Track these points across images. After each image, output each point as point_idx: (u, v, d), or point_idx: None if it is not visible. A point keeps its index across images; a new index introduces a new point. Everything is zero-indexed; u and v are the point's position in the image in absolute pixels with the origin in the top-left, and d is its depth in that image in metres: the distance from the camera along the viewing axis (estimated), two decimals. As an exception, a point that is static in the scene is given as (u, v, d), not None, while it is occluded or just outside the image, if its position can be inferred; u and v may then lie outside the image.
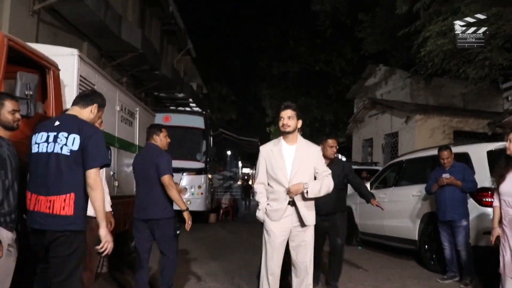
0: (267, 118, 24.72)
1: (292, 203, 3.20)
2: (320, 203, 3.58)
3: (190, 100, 15.56)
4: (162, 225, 3.66)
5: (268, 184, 3.29)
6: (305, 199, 3.22)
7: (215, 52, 28.33)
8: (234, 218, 14.27)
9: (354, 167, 11.46)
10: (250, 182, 32.92)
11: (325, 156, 4.01)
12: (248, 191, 23.67)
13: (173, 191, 3.67)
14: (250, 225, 10.79)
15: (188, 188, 10.68)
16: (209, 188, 11.60)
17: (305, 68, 21.04)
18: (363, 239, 7.73)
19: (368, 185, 7.41)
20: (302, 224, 3.22)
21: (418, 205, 6.00)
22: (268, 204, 3.27)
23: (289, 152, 3.27)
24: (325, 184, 3.26)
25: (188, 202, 9.72)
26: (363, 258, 6.74)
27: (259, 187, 3.33)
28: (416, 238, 5.96)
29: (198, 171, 10.91)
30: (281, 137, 3.33)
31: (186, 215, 3.70)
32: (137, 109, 6.71)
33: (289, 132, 3.24)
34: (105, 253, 2.42)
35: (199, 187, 10.84)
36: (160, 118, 10.29)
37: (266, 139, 29.85)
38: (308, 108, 21.01)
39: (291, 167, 3.22)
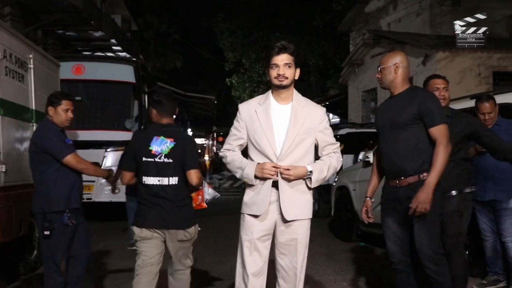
0: (227, 64, 24.52)
1: (275, 184, 3.25)
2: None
3: (113, 41, 15.20)
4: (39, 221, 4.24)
5: (250, 158, 3.35)
6: (293, 182, 3.24)
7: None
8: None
9: (352, 130, 11.95)
10: (206, 158, 33.11)
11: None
12: (203, 171, 23.65)
13: (84, 166, 4.36)
14: (211, 218, 10.79)
15: (115, 170, 10.54)
16: None
17: (279, -11, 20.84)
18: (366, 232, 7.89)
19: (370, 155, 7.52)
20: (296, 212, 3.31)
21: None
22: (246, 187, 3.34)
23: (281, 114, 3.32)
24: (332, 166, 3.35)
25: (116, 191, 9.56)
26: (367, 259, 6.86)
27: (227, 153, 3.42)
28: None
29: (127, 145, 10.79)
30: (270, 92, 3.38)
31: (109, 181, 4.57)
32: (31, 56, 6.57)
33: (285, 87, 3.29)
34: None
35: None
36: (68, 69, 10.10)
37: (226, 95, 30.00)
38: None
39: (285, 137, 3.27)
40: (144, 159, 3.71)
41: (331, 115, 21.82)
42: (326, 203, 10.34)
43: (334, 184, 9.12)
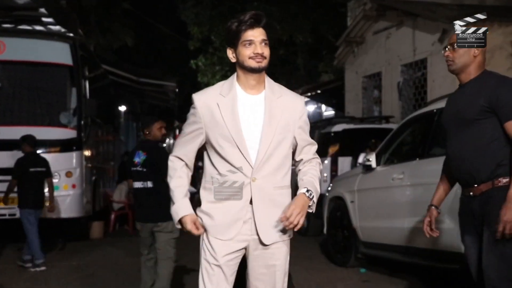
0: (191, 42, 24.42)
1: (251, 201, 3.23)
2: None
3: (43, 10, 14.90)
4: None
5: (212, 163, 3.30)
6: (269, 196, 3.23)
7: None
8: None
9: (350, 126, 11.98)
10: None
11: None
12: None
13: None
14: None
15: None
16: (88, 175, 11.59)
17: None
18: (368, 254, 7.90)
19: (372, 157, 7.52)
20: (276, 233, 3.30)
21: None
22: (205, 204, 3.30)
23: (252, 108, 3.27)
24: (318, 176, 3.35)
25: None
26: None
27: (175, 162, 3.37)
28: (462, 249, 6.06)
29: (64, 146, 10.84)
30: (234, 79, 3.32)
31: None
32: None
33: (262, 70, 3.25)
34: None
35: (68, 174, 10.82)
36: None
37: (190, 81, 29.89)
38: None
39: (260, 139, 3.22)
40: (132, 168, 6.26)
41: (323, 107, 21.90)
42: (317, 217, 10.32)
43: (327, 194, 9.10)
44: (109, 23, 25.83)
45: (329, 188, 9.29)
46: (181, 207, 3.26)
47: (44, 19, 15.19)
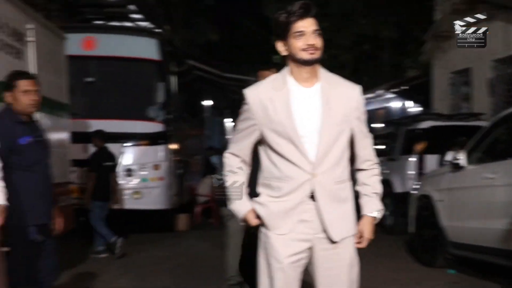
0: (274, 37, 24.46)
1: (312, 196, 3.11)
2: None
3: (132, 7, 15.31)
4: None
5: (269, 159, 3.21)
6: (335, 188, 3.14)
7: None
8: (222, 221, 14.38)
9: (438, 123, 11.75)
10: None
11: None
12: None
13: None
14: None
15: (135, 170, 10.70)
16: (175, 169, 11.73)
17: None
18: (458, 255, 7.75)
19: (462, 155, 7.36)
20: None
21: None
22: (263, 197, 3.21)
23: (307, 101, 3.15)
24: (380, 188, 3.30)
25: (136, 195, 9.70)
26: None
27: (230, 159, 3.31)
28: None
29: (152, 139, 11.01)
30: (286, 72, 3.20)
31: None
32: (31, 26, 6.68)
33: (315, 61, 3.12)
34: None
35: (156, 167, 11.00)
36: (76, 43, 10.29)
37: (274, 76, 29.91)
38: (348, 18, 20.72)
39: (319, 133, 3.11)
40: None
41: (410, 103, 21.53)
42: (402, 216, 10.20)
43: (414, 192, 8.97)
44: (195, 19, 26.27)
45: (416, 187, 9.16)
46: (241, 205, 3.23)
47: (133, 15, 15.64)
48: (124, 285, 7.23)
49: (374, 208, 3.22)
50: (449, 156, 8.41)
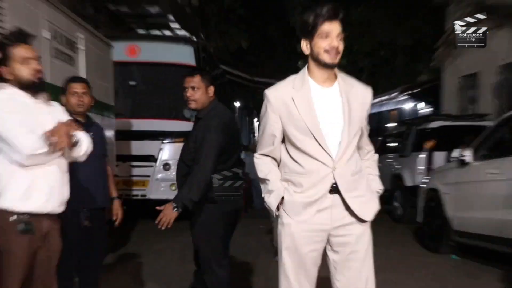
0: (299, 45, 24.36)
1: (334, 188, 3.03)
2: None
3: (171, 17, 15.42)
4: None
5: (290, 156, 3.11)
6: (351, 180, 3.08)
7: None
8: (248, 211, 14.44)
9: (447, 123, 11.71)
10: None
11: None
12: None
13: None
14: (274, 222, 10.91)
15: (172, 165, 10.82)
16: None
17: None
18: (461, 242, 7.80)
19: (468, 153, 7.37)
20: (354, 219, 3.08)
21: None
22: (288, 192, 3.10)
23: (327, 100, 3.05)
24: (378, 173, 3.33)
25: (173, 187, 9.80)
26: (458, 275, 6.77)
27: (262, 159, 3.21)
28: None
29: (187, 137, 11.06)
30: (305, 73, 3.09)
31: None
32: (82, 36, 6.78)
33: (335, 66, 3.02)
34: None
35: None
36: (121, 50, 10.34)
37: (298, 79, 29.83)
38: (367, 26, 20.58)
39: (341, 131, 3.02)
40: None
41: (421, 105, 21.41)
42: (411, 207, 10.23)
43: (423, 186, 9.01)
44: (227, 28, 26.27)
45: (425, 181, 9.20)
46: (276, 196, 3.11)
47: (171, 24, 15.74)
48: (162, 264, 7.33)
49: (377, 187, 3.25)
50: (456, 153, 8.43)
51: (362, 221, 3.07)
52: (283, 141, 3.13)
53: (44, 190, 3.21)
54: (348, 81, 3.11)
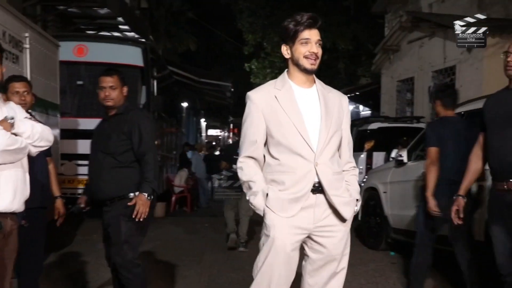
0: (246, 48, 24.49)
1: (317, 188, 3.05)
2: None
3: (120, 19, 15.21)
4: None
5: (272, 156, 3.12)
6: (333, 178, 3.09)
7: None
8: (195, 209, 14.41)
9: (385, 125, 11.89)
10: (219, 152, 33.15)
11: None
12: (216, 165, 23.30)
13: None
14: (220, 220, 10.83)
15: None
16: None
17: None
18: (398, 240, 7.86)
19: (404, 154, 7.46)
20: (336, 218, 3.10)
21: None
22: (271, 188, 3.09)
23: (307, 99, 3.13)
24: (358, 188, 3.30)
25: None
26: (396, 270, 6.86)
27: (246, 162, 3.16)
28: (482, 238, 5.99)
29: None
30: (285, 76, 3.19)
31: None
32: (27, 34, 6.66)
33: (313, 72, 3.14)
34: None
35: None
36: (68, 50, 10.18)
37: (244, 82, 29.96)
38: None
39: (320, 123, 3.08)
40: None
41: (361, 107, 21.71)
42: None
43: (362, 185, 9.06)
44: (176, 30, 26.12)
45: (365, 180, 9.26)
46: (260, 198, 3.09)
47: (120, 26, 15.53)
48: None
49: (356, 196, 3.20)
50: (393, 154, 8.53)
51: (343, 220, 3.10)
52: (265, 143, 3.16)
53: (10, 190, 3.15)
54: (326, 86, 3.22)
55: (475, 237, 5.54)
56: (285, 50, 3.15)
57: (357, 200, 3.19)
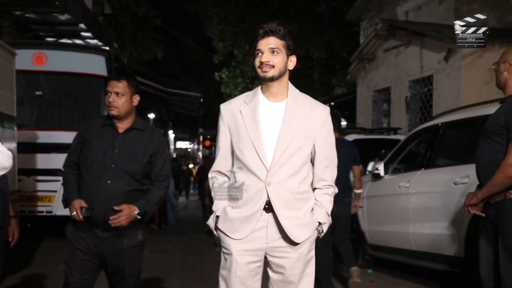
0: (216, 56, 24.51)
1: (268, 207, 3.06)
2: None
3: (82, 26, 15.09)
4: None
5: (233, 172, 3.20)
6: (289, 198, 3.08)
7: None
8: (162, 226, 14.30)
9: (360, 137, 11.92)
10: (190, 166, 33.13)
11: None
12: (185, 180, 23.28)
13: None
14: (189, 238, 10.76)
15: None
16: None
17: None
18: (375, 256, 7.89)
19: (381, 166, 7.49)
20: (288, 243, 3.08)
21: (464, 199, 6.07)
22: (227, 206, 3.16)
23: (272, 114, 3.14)
24: (329, 208, 3.21)
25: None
26: None
27: (216, 178, 3.26)
28: (462, 254, 6.03)
29: None
30: (259, 88, 3.23)
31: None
32: None
33: (271, 79, 3.10)
34: None
35: None
36: (26, 59, 10.09)
37: (214, 91, 29.96)
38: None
39: (276, 143, 3.07)
40: None
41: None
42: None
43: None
44: (142, 38, 26.04)
45: (340, 194, 9.28)
46: (211, 219, 3.21)
47: (83, 33, 15.42)
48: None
49: (320, 219, 3.12)
50: (370, 167, 8.56)
51: (294, 244, 3.07)
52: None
53: None
54: (300, 98, 3.18)
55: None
56: (254, 65, 3.21)
57: (320, 223, 3.12)
